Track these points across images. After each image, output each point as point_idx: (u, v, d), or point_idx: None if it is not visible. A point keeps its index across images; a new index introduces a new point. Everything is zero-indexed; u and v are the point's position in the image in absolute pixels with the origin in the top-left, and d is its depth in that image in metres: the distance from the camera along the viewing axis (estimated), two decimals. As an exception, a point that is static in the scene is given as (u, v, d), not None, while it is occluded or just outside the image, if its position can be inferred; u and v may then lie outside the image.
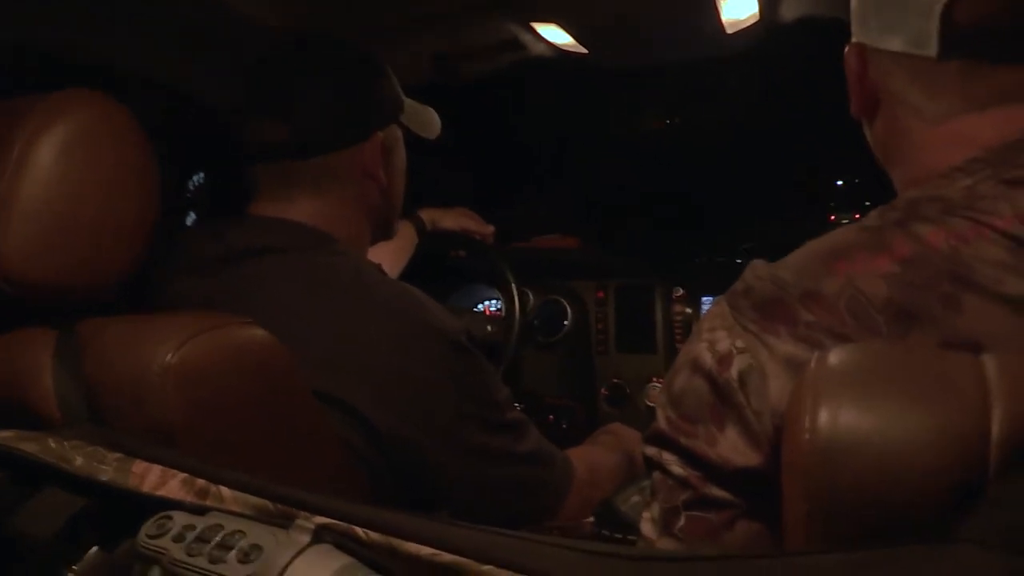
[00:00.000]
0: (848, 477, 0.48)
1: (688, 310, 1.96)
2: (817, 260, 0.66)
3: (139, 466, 0.66)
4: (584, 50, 1.53)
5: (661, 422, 0.71)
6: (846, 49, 0.78)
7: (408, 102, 1.19)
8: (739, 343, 0.65)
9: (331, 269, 1.02)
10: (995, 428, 0.46)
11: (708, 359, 0.66)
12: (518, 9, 1.39)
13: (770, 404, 0.61)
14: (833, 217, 2.01)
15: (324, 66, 1.08)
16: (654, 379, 1.93)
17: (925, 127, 0.71)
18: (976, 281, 0.57)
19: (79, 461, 0.67)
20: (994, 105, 0.66)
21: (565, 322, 2.04)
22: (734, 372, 0.64)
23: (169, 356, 0.74)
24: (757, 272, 0.69)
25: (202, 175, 1.75)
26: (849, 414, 0.48)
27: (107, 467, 0.66)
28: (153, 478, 0.65)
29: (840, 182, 2.10)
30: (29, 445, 0.69)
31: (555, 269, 2.13)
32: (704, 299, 1.96)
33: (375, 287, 1.02)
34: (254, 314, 0.86)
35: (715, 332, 0.68)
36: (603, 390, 2.01)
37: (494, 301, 2.16)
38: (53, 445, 0.69)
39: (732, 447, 0.64)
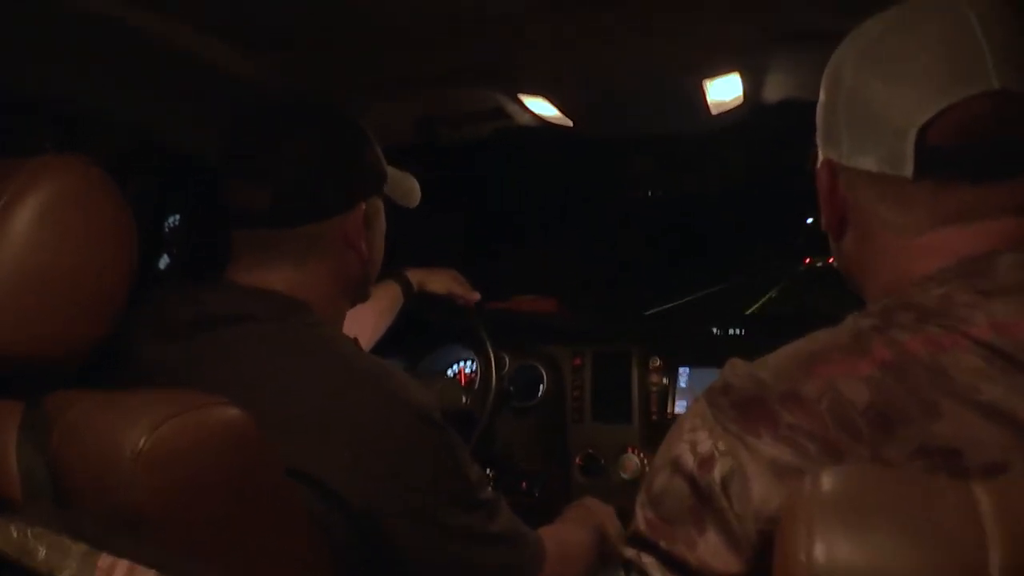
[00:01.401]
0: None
1: (665, 380, 1.95)
2: (796, 362, 0.66)
3: (105, 560, 0.63)
4: (569, 122, 1.54)
5: (640, 523, 0.70)
6: (817, 166, 0.80)
7: (389, 170, 1.18)
8: (720, 445, 0.64)
9: (306, 340, 1.01)
10: (993, 565, 0.45)
11: (690, 460, 0.66)
12: (506, 81, 1.39)
13: (752, 507, 0.61)
14: (808, 260, 2.04)
15: (310, 131, 1.07)
16: (629, 449, 1.91)
17: (896, 240, 0.72)
18: (953, 389, 0.58)
19: (42, 553, 0.64)
20: (963, 220, 0.68)
21: (541, 388, 2.02)
22: (716, 475, 0.63)
23: (142, 441, 0.72)
24: (736, 370, 0.69)
25: (177, 217, 1.73)
26: (845, 550, 0.47)
27: (71, 560, 0.64)
28: (120, 575, 0.62)
29: (810, 220, 2.13)
30: (-11, 534, 0.65)
31: (532, 332, 2.11)
32: (681, 369, 1.95)
33: (350, 359, 1.01)
34: (226, 384, 0.84)
35: (696, 432, 0.67)
36: (577, 459, 1.98)
37: (468, 362, 2.13)
38: (15, 534, 0.66)
39: (712, 552, 0.63)
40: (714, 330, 2.07)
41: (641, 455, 1.90)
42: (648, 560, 0.67)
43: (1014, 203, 0.67)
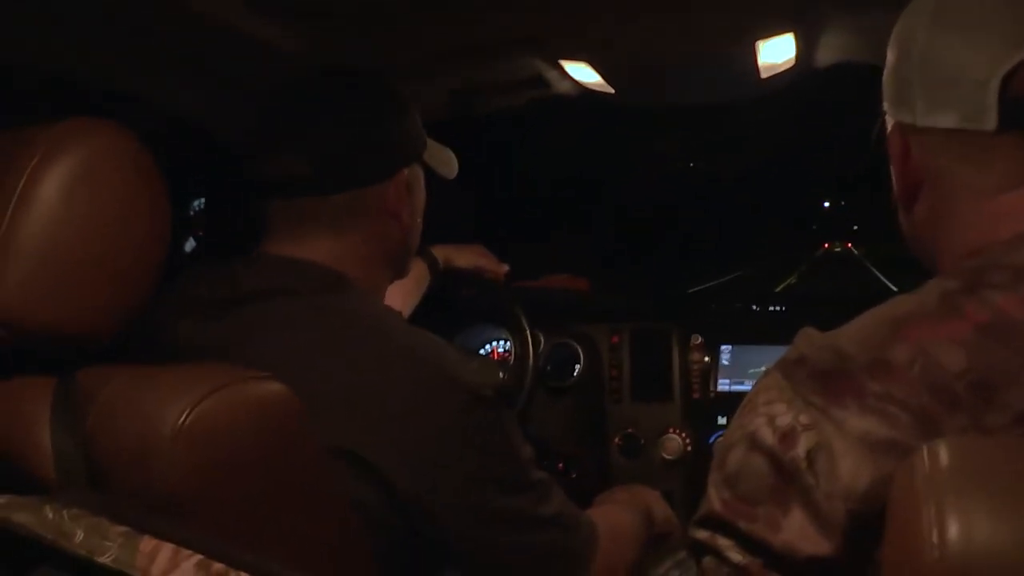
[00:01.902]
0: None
1: (706, 359, 1.90)
2: (882, 328, 0.63)
3: (147, 544, 0.59)
4: (611, 89, 1.48)
5: (715, 503, 0.66)
6: (888, 132, 0.77)
7: (428, 140, 1.15)
8: (803, 418, 0.60)
9: (347, 313, 0.97)
10: None
11: (768, 435, 0.62)
12: (549, 46, 1.34)
13: (841, 485, 0.57)
14: (827, 244, 2.01)
15: (349, 98, 1.03)
16: (670, 430, 1.87)
17: (978, 202, 0.69)
18: None
19: (79, 536, 0.60)
20: None
21: (577, 367, 1.97)
22: (800, 450, 0.60)
23: (182, 418, 0.68)
24: (812, 341, 0.66)
25: (203, 200, 1.70)
26: (984, 528, 0.42)
27: (111, 543, 0.60)
28: (164, 559, 0.59)
29: (827, 203, 2.11)
30: (23, 515, 0.61)
31: (566, 311, 2.07)
32: (723, 347, 1.91)
33: (394, 334, 0.96)
34: (264, 361, 0.81)
35: (773, 405, 0.63)
36: (616, 440, 1.94)
37: (501, 342, 2.09)
38: (51, 515, 0.62)
39: (799, 533, 0.59)
40: (754, 307, 2.02)
41: (683, 435, 1.85)
42: (725, 542, 0.64)
43: None
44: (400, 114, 1.07)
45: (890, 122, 0.77)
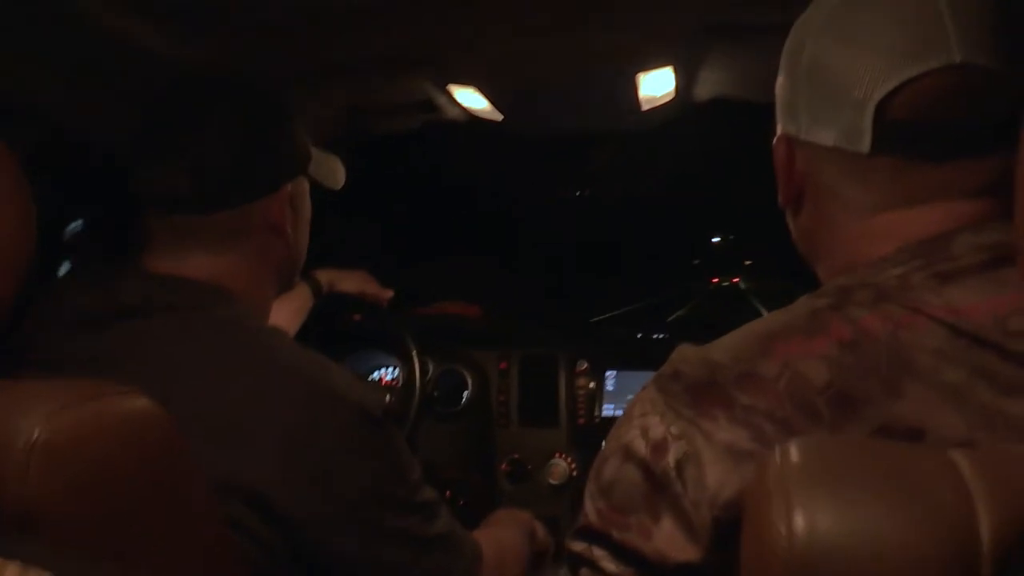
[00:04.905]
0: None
1: (592, 384, 1.93)
2: (752, 342, 0.64)
3: (-8, 563, 0.55)
4: (499, 116, 1.50)
5: (590, 514, 0.67)
6: (774, 140, 0.77)
7: (312, 150, 1.12)
8: (673, 429, 0.62)
9: (231, 331, 0.93)
10: (984, 533, 0.43)
11: (641, 446, 0.63)
12: (436, 70, 1.35)
13: (708, 493, 0.58)
14: (716, 280, 2.08)
15: (232, 109, 0.99)
16: (557, 455, 1.88)
17: (854, 219, 0.70)
18: (914, 367, 0.57)
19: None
20: (922, 200, 0.66)
21: (465, 393, 1.97)
22: (671, 460, 0.61)
23: (36, 432, 0.64)
24: (685, 356, 0.67)
25: (80, 223, 1.61)
26: (828, 519, 0.44)
27: (-48, 563, 0.55)
28: (10, 577, 0.55)
29: (716, 239, 2.20)
30: None
31: (456, 337, 2.07)
32: (608, 373, 1.94)
33: (280, 352, 0.93)
34: (142, 379, 0.76)
35: (647, 418, 0.65)
36: (503, 465, 1.94)
37: (390, 368, 2.07)
38: None
39: (668, 540, 0.61)
40: (639, 335, 2.07)
41: (569, 460, 1.87)
42: (599, 552, 0.65)
43: (973, 184, 0.64)
44: (284, 126, 1.04)
45: (779, 129, 0.78)
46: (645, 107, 1.45)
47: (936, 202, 0.65)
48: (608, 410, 1.91)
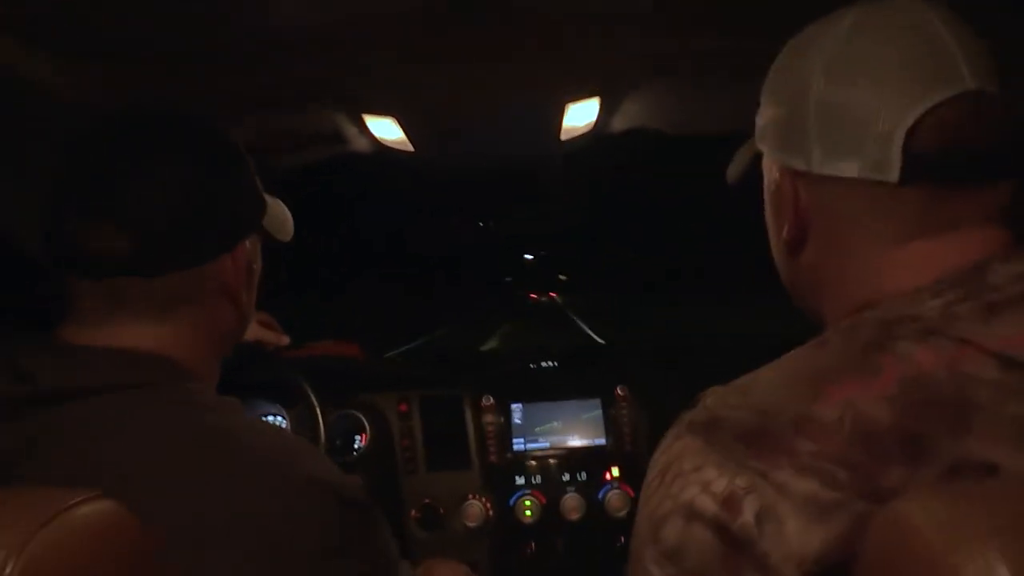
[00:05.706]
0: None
1: (501, 419, 1.87)
2: (796, 384, 0.62)
3: None
4: (411, 147, 1.43)
5: None
6: (775, 176, 0.76)
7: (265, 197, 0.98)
8: (739, 482, 0.58)
9: (183, 413, 0.79)
10: None
11: (708, 503, 0.59)
12: (350, 99, 1.26)
13: (791, 550, 0.55)
14: (534, 296, 2.07)
15: (179, 152, 0.84)
16: (471, 496, 1.80)
17: (877, 250, 0.69)
18: (977, 402, 0.56)
19: None
20: (952, 228, 0.66)
21: (361, 438, 1.85)
22: (749, 516, 0.57)
23: (9, 566, 0.52)
24: (725, 400, 0.64)
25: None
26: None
27: None
28: None
29: (529, 256, 2.19)
30: None
31: (344, 379, 1.94)
32: (514, 406, 1.89)
33: (244, 435, 0.79)
34: (90, 472, 0.67)
35: (703, 471, 0.61)
36: (413, 512, 1.84)
37: (277, 418, 1.91)
38: None
39: None
40: (530, 365, 2.03)
41: (484, 500, 1.79)
42: None
43: (995, 209, 0.66)
44: (238, 173, 0.90)
45: (772, 168, 0.77)
46: (564, 137, 1.42)
47: (965, 228, 0.66)
48: (519, 444, 1.86)
